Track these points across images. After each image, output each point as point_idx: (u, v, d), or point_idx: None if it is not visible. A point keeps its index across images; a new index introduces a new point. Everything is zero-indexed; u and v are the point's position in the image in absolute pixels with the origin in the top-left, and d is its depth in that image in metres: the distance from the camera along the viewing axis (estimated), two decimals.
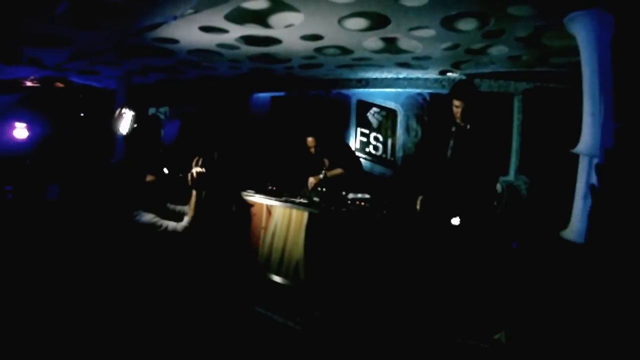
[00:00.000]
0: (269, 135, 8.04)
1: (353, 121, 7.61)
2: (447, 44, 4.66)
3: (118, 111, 5.21)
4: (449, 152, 4.26)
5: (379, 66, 6.09)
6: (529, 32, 4.10)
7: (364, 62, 5.82)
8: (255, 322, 4.29)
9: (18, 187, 6.69)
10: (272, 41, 4.83)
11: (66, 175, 7.09)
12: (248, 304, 4.55)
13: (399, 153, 7.21)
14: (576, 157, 3.44)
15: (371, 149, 7.45)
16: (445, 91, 6.37)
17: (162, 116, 9.45)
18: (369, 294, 4.33)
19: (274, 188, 5.56)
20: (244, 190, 5.44)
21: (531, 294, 3.49)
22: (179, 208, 4.14)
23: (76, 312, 3.87)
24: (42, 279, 4.45)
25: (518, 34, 4.17)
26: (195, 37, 4.78)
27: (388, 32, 4.37)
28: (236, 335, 3.95)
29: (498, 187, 5.98)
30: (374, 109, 7.41)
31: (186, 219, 3.79)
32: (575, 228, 3.40)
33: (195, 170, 3.85)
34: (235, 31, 4.49)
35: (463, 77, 6.23)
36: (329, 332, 4.10)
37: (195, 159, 3.89)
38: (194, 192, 3.83)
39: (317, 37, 4.65)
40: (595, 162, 3.29)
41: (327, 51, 5.23)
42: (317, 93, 7.74)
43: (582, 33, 3.42)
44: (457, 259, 3.89)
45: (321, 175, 5.67)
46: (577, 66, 3.47)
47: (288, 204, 5.04)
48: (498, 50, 4.77)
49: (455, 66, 5.73)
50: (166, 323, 3.76)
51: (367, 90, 7.31)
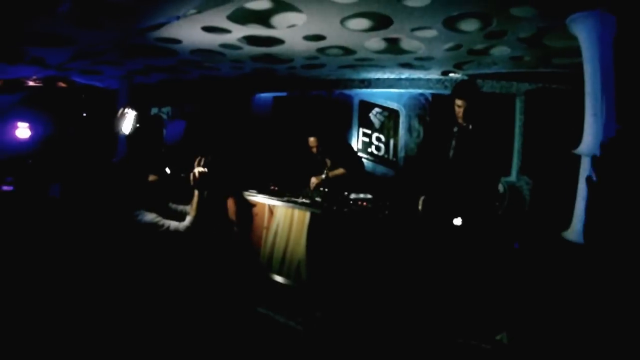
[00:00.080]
0: (271, 135, 8.05)
1: (355, 121, 7.62)
2: (450, 45, 4.66)
3: (120, 111, 5.22)
4: (451, 153, 4.25)
5: (382, 67, 6.09)
6: (532, 33, 4.10)
7: (367, 63, 5.82)
8: (257, 322, 4.29)
9: (20, 186, 6.71)
10: (275, 41, 4.83)
11: (68, 174, 7.10)
12: (250, 304, 4.55)
13: (401, 153, 7.22)
14: (578, 158, 3.44)
15: (373, 149, 7.46)
16: (447, 92, 6.37)
17: (165, 116, 9.46)
18: (371, 294, 4.33)
19: (276, 188, 5.56)
20: (246, 190, 5.44)
21: (533, 295, 3.49)
22: (181, 208, 4.14)
23: (77, 312, 3.87)
24: (43, 278, 4.45)
25: (520, 35, 4.17)
26: (197, 37, 4.79)
27: (390, 33, 4.37)
28: (238, 335, 3.95)
29: (500, 188, 5.98)
30: (376, 110, 7.42)
31: (188, 219, 3.79)
32: (577, 229, 3.40)
33: (197, 170, 3.85)
34: (237, 31, 4.50)
35: (465, 78, 6.23)
36: (331, 332, 4.10)
37: (197, 159, 3.89)
38: (196, 192, 3.82)
39: (320, 38, 4.65)
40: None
41: (330, 51, 5.24)
42: (320, 93, 7.75)
43: (584, 34, 3.43)
44: (459, 260, 3.89)
45: (323, 175, 5.68)
46: (579, 67, 3.47)
47: (290, 204, 5.04)
48: (500, 51, 4.77)
49: (457, 67, 5.73)
50: (168, 323, 3.77)
51: (370, 90, 7.32)
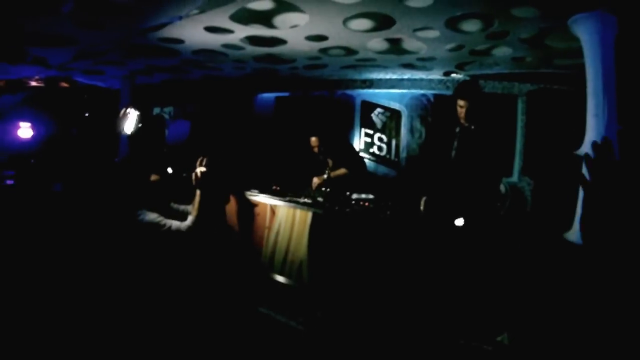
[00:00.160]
0: (274, 135, 8.06)
1: (357, 122, 7.62)
2: (452, 45, 4.67)
3: (123, 111, 5.21)
4: (453, 153, 4.26)
5: (384, 67, 6.09)
6: (533, 34, 4.10)
7: (369, 63, 5.83)
8: (258, 322, 4.30)
9: (21, 182, 6.73)
10: (277, 42, 4.84)
11: (70, 174, 7.12)
12: (251, 304, 4.56)
13: (403, 154, 7.22)
14: (580, 159, 3.43)
15: (375, 150, 7.46)
16: (449, 92, 6.38)
17: (167, 116, 9.48)
18: (372, 295, 4.34)
19: (278, 188, 5.57)
20: (248, 189, 5.45)
21: (534, 296, 3.48)
22: (183, 207, 4.14)
23: (79, 311, 3.88)
24: (45, 277, 4.47)
25: (522, 36, 4.17)
26: (200, 38, 4.80)
27: (393, 33, 4.37)
28: (239, 335, 3.96)
29: (501, 189, 5.97)
30: (378, 110, 7.42)
31: (190, 219, 3.79)
32: (578, 230, 3.40)
33: (199, 169, 3.86)
34: (240, 31, 4.51)
35: (467, 78, 6.23)
36: (332, 333, 4.10)
37: (199, 159, 3.90)
38: (198, 192, 3.83)
39: (322, 38, 4.66)
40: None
41: (332, 52, 5.24)
42: (322, 93, 7.76)
43: (586, 35, 3.42)
44: (461, 260, 3.89)
45: (325, 175, 5.68)
46: (581, 68, 3.47)
47: (292, 204, 5.05)
48: (502, 51, 4.77)
49: (459, 67, 5.73)
50: (169, 322, 3.77)
51: (372, 91, 7.32)
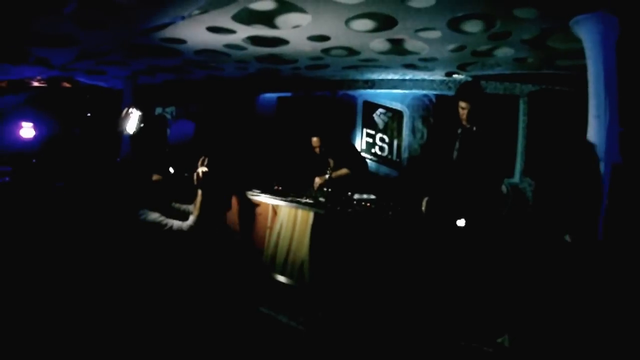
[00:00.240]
0: (275, 135, 8.06)
1: (359, 122, 7.62)
2: (453, 46, 4.67)
3: (125, 111, 5.22)
4: (455, 154, 4.25)
5: (385, 67, 6.10)
6: (535, 35, 4.10)
7: (371, 63, 5.83)
8: (259, 322, 4.30)
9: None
10: (279, 42, 4.85)
11: (72, 173, 7.13)
12: (252, 304, 4.56)
13: (405, 154, 7.22)
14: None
15: (377, 150, 7.46)
16: (451, 93, 6.38)
17: (169, 116, 9.49)
18: (373, 295, 4.34)
19: (280, 188, 5.57)
20: (250, 189, 5.45)
21: (535, 297, 3.48)
22: (184, 207, 4.15)
23: (80, 311, 3.88)
24: (46, 276, 4.47)
25: (524, 37, 4.18)
26: (202, 38, 4.81)
27: (395, 34, 4.38)
28: (240, 334, 3.96)
29: (503, 189, 5.97)
30: (380, 110, 7.42)
31: (191, 218, 3.80)
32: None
33: (200, 169, 3.86)
34: (242, 32, 4.52)
35: (469, 79, 6.23)
36: (333, 333, 4.10)
37: (200, 159, 3.91)
38: (200, 192, 3.84)
39: (324, 38, 4.66)
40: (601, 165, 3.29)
41: (334, 52, 5.25)
42: (324, 94, 7.75)
43: (588, 36, 3.43)
44: (462, 261, 3.89)
45: (327, 175, 5.68)
46: (583, 69, 3.47)
47: (294, 204, 5.04)
48: (504, 52, 4.77)
49: (461, 68, 5.73)
50: (170, 322, 3.78)
51: (373, 91, 7.33)
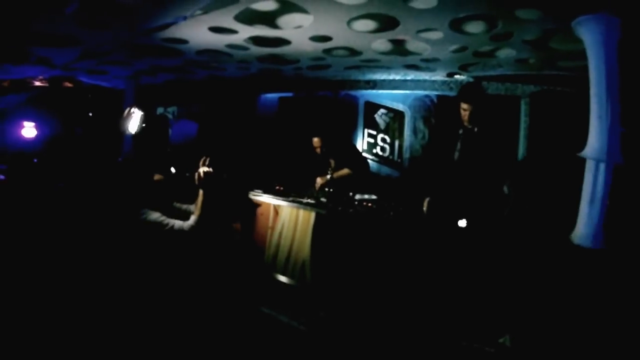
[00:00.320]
0: (277, 135, 8.06)
1: (361, 122, 7.62)
2: (455, 46, 4.67)
3: (126, 111, 5.22)
4: (456, 155, 4.26)
5: (387, 68, 6.10)
6: (537, 36, 4.09)
7: (372, 64, 5.83)
8: (260, 322, 4.30)
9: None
10: (281, 42, 4.85)
11: (73, 173, 7.13)
12: (253, 304, 4.56)
13: (406, 155, 7.22)
14: (583, 161, 3.43)
15: (378, 150, 7.46)
16: (452, 93, 6.37)
17: (170, 116, 9.50)
18: (375, 295, 4.34)
19: (282, 188, 5.58)
20: (252, 189, 5.46)
21: (536, 298, 3.48)
22: (186, 207, 4.15)
23: (80, 311, 3.89)
24: (46, 276, 4.47)
25: (526, 37, 4.17)
26: (204, 38, 4.81)
27: (396, 34, 4.38)
28: (241, 335, 3.96)
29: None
30: (382, 111, 7.42)
31: (193, 218, 3.80)
32: (581, 232, 3.39)
33: (202, 169, 3.87)
34: (244, 32, 4.52)
35: (470, 80, 6.22)
36: (334, 333, 4.11)
37: (202, 159, 3.91)
38: (201, 192, 3.84)
39: (326, 39, 4.66)
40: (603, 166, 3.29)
41: (336, 52, 5.25)
42: (325, 94, 7.75)
43: (590, 37, 3.42)
44: (463, 261, 3.89)
45: (328, 175, 5.68)
46: (585, 70, 3.47)
47: (295, 204, 5.05)
48: (506, 53, 4.76)
49: (462, 68, 5.73)
50: (171, 322, 3.78)
51: (375, 91, 7.32)
